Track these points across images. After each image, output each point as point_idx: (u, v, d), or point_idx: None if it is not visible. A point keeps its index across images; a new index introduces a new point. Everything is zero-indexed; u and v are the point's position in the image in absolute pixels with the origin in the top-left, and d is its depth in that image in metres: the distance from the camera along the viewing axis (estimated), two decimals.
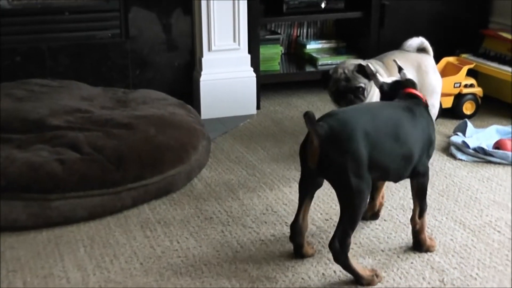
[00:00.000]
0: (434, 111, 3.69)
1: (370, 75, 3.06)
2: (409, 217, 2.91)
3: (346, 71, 3.39)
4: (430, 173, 3.45)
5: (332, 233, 2.55)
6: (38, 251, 2.79)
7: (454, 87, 4.20)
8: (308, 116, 2.41)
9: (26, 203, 2.93)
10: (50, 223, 2.96)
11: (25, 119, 3.38)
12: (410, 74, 3.55)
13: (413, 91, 2.81)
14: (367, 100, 3.40)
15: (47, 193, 2.95)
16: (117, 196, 3.09)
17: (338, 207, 3.09)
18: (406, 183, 2.91)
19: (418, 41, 3.71)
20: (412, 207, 2.79)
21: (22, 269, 2.66)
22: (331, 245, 2.47)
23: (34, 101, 3.61)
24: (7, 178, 2.94)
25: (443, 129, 4.05)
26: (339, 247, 2.46)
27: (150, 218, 3.07)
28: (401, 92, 2.80)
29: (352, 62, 3.46)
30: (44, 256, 2.76)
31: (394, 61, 3.05)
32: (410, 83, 2.85)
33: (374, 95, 3.43)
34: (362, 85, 3.38)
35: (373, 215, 3.01)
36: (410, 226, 2.80)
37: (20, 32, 4.13)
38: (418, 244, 2.76)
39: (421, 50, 3.71)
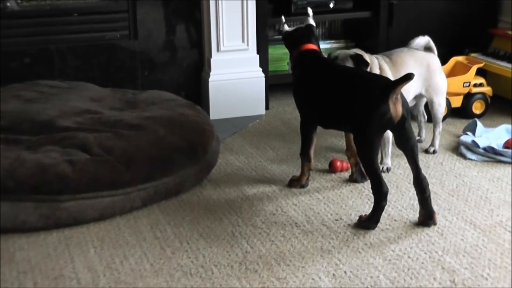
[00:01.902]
0: (441, 109, 3.69)
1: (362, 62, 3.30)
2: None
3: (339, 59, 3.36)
4: (440, 173, 3.47)
5: (343, 233, 2.75)
6: (48, 252, 2.80)
7: (463, 86, 4.19)
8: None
9: (36, 204, 2.93)
10: (60, 224, 2.97)
11: (35, 120, 3.39)
12: (418, 72, 3.56)
13: (312, 46, 3.21)
14: None
15: (57, 194, 2.95)
16: (127, 197, 3.09)
17: (347, 207, 3.11)
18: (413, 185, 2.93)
19: (425, 40, 3.71)
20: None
21: (33, 271, 2.67)
22: (422, 176, 2.90)
23: (43, 102, 3.62)
24: (17, 180, 2.94)
25: (453, 128, 4.04)
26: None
27: (160, 219, 3.07)
28: (299, 48, 3.22)
29: (346, 52, 3.41)
30: (54, 257, 2.76)
31: (307, 8, 3.37)
32: (309, 31, 3.28)
33: None
34: None
35: (362, 173, 3.35)
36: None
37: (29, 34, 4.13)
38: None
39: (427, 49, 3.71)
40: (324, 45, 4.82)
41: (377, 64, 3.45)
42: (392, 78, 3.31)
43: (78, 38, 4.20)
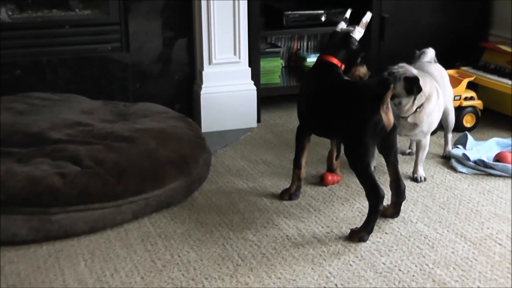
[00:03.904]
0: (452, 114, 3.81)
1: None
2: (411, 230, 2.94)
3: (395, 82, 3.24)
4: (431, 185, 3.47)
5: (334, 246, 2.75)
6: (38, 265, 2.79)
7: (454, 100, 4.20)
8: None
9: (26, 217, 2.92)
10: (50, 237, 2.96)
11: (26, 132, 3.38)
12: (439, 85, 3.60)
13: (333, 60, 3.18)
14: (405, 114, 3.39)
15: (47, 206, 2.94)
16: (117, 209, 3.08)
17: (338, 220, 3.11)
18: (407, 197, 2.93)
19: (433, 51, 3.79)
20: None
21: (22, 284, 2.66)
22: (402, 181, 3.08)
23: (34, 114, 3.61)
24: (7, 192, 2.94)
25: (443, 141, 4.04)
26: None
27: (150, 231, 3.06)
28: (321, 56, 3.25)
29: (403, 71, 3.28)
30: (44, 270, 2.75)
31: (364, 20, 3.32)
32: (343, 43, 3.22)
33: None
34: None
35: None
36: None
37: (21, 46, 4.13)
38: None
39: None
40: (315, 58, 4.83)
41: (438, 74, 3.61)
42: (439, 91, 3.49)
43: (69, 50, 4.20)
